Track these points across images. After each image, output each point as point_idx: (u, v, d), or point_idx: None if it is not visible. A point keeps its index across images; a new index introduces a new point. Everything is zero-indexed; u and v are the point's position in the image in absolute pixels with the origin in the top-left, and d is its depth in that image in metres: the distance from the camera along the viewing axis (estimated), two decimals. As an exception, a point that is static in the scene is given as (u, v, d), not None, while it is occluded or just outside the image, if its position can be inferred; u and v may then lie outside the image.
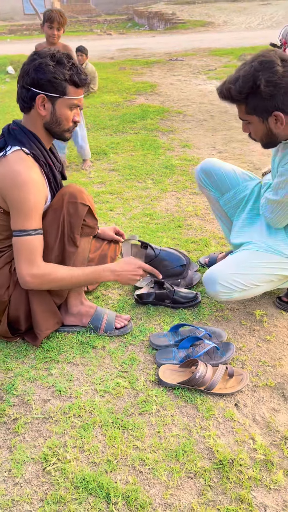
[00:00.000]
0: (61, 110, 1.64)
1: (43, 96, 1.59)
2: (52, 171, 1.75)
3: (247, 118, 1.60)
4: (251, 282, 1.78)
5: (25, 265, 1.61)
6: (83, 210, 1.70)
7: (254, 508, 1.23)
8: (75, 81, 1.62)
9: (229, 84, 1.54)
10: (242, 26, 19.42)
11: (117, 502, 1.24)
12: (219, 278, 1.77)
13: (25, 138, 1.64)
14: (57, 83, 1.59)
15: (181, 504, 1.24)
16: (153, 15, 22.96)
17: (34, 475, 1.33)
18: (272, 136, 1.62)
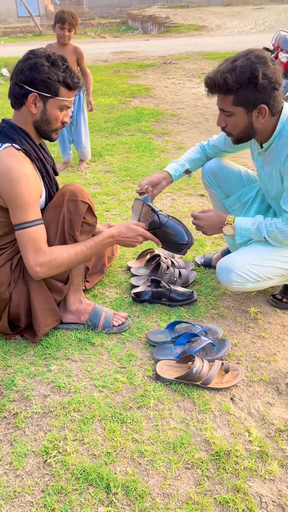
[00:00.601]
0: (52, 110, 1.67)
1: (35, 94, 1.62)
2: (44, 166, 1.78)
3: (232, 109, 1.62)
4: (265, 274, 1.81)
5: (32, 255, 1.64)
6: (83, 208, 1.74)
7: (250, 497, 1.27)
8: (68, 83, 1.65)
9: (225, 73, 1.56)
10: (235, 30, 19.58)
11: (117, 492, 1.27)
12: (236, 268, 1.78)
13: (15, 135, 1.66)
14: (50, 83, 1.62)
15: (179, 493, 1.28)
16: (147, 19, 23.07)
17: (35, 467, 1.36)
18: (250, 130, 1.66)
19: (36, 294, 1.78)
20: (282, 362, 1.75)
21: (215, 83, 1.59)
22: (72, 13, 3.58)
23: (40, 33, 21.21)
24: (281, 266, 1.81)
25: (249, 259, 1.78)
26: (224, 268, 1.82)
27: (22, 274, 1.78)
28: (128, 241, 1.82)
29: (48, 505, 1.24)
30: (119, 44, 16.78)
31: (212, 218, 1.86)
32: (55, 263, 1.67)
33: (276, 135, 1.68)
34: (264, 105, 1.59)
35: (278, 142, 1.69)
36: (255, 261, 1.78)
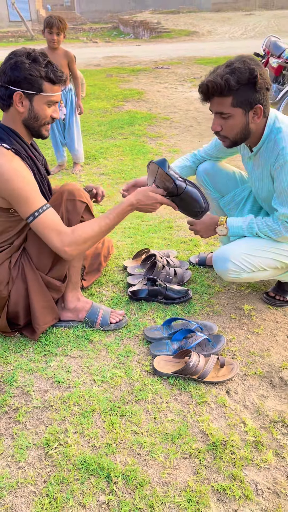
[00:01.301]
0: (39, 106, 1.68)
1: (20, 93, 1.64)
2: (35, 164, 1.80)
3: (230, 111, 1.67)
4: (260, 265, 1.86)
5: (55, 238, 1.66)
6: (81, 207, 1.78)
7: (246, 485, 1.31)
8: (51, 78, 1.66)
9: (226, 75, 1.61)
10: (226, 36, 19.77)
11: (118, 481, 1.31)
12: (231, 256, 1.83)
13: (4, 135, 1.68)
14: (33, 80, 1.63)
15: (178, 482, 1.32)
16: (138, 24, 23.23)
17: (37, 459, 1.39)
18: (246, 131, 1.72)
19: (35, 292, 1.81)
20: (276, 357, 1.80)
21: (216, 85, 1.62)
22: (60, 17, 3.63)
23: (32, 37, 21.26)
24: (276, 258, 1.87)
25: (245, 249, 1.84)
26: (220, 257, 1.87)
27: (20, 273, 1.81)
28: (147, 208, 1.79)
29: (51, 495, 1.28)
30: (111, 49, 16.87)
31: (205, 221, 1.93)
32: (81, 239, 1.68)
33: (265, 138, 1.75)
34: (260, 105, 1.66)
35: (267, 145, 1.75)
36: (251, 251, 1.84)
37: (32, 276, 1.81)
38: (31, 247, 1.81)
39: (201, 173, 2.13)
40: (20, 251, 1.83)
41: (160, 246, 2.63)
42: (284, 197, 1.75)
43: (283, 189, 1.73)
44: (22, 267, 1.81)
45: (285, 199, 1.75)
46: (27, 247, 1.82)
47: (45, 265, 1.82)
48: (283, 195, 1.75)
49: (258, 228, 1.84)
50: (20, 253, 1.83)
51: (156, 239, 2.71)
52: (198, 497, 1.27)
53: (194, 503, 1.26)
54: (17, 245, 1.81)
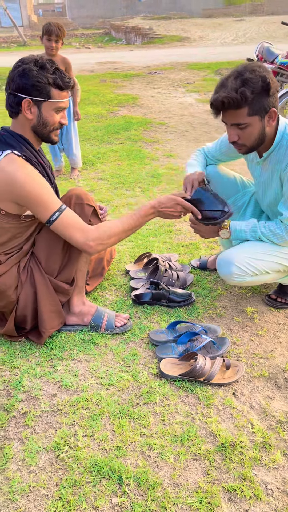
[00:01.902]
0: (47, 113, 1.70)
1: (28, 100, 1.66)
2: (45, 170, 1.83)
3: (248, 120, 1.68)
4: (263, 269, 1.88)
5: (79, 234, 1.69)
6: (89, 210, 1.80)
7: (256, 485, 1.33)
8: (58, 84, 1.68)
9: (240, 88, 1.62)
10: (217, 42, 19.94)
11: (129, 483, 1.32)
12: (235, 260, 1.86)
13: (14, 142, 1.70)
14: (41, 87, 1.65)
15: (189, 483, 1.33)
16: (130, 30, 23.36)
17: (48, 462, 1.40)
18: (262, 136, 1.73)
19: (43, 296, 1.82)
20: (280, 358, 1.83)
21: (232, 100, 1.62)
22: (59, 24, 3.66)
23: (25, 43, 21.29)
24: (279, 262, 1.89)
25: (249, 253, 1.86)
26: (225, 260, 1.89)
27: (29, 277, 1.82)
28: (168, 211, 1.82)
29: (64, 498, 1.28)
30: (104, 54, 16.95)
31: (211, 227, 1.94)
32: (105, 235, 1.72)
33: (276, 144, 1.77)
34: (274, 108, 1.68)
35: (279, 151, 1.77)
36: (255, 255, 1.86)
37: (40, 280, 1.82)
38: (39, 252, 1.82)
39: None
40: (28, 255, 1.84)
41: (161, 250, 2.65)
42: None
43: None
44: (31, 271, 1.82)
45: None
46: (35, 251, 1.84)
47: (53, 269, 1.84)
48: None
49: (261, 232, 1.87)
50: (29, 257, 1.84)
51: (156, 243, 2.73)
52: (210, 498, 1.29)
53: (206, 503, 1.27)
54: (26, 249, 1.83)
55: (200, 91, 8.38)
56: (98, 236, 1.71)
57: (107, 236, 1.73)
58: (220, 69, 10.40)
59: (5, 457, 1.43)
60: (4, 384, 1.71)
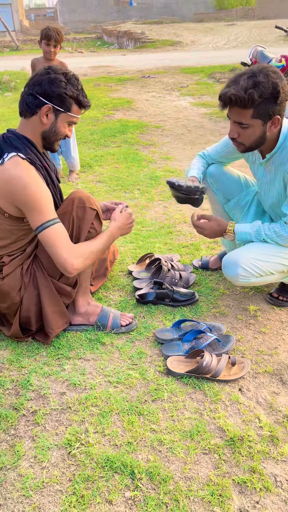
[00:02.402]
0: (61, 123, 1.76)
1: (50, 106, 1.71)
2: (49, 174, 1.86)
3: (250, 122, 1.72)
4: (268, 270, 1.92)
5: (65, 249, 1.70)
6: (92, 214, 1.82)
7: (266, 477, 1.36)
8: (80, 102, 1.76)
9: (250, 89, 1.65)
10: (210, 46, 20.10)
11: (141, 477, 1.34)
12: (241, 262, 1.89)
13: (20, 144, 1.73)
14: (65, 98, 1.72)
15: (200, 476, 1.36)
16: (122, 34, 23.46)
17: (60, 459, 1.42)
18: (262, 139, 1.78)
19: (47, 298, 1.84)
20: (284, 355, 1.86)
21: (239, 99, 1.67)
22: (57, 29, 3.70)
23: (17, 47, 21.31)
24: (283, 262, 1.93)
25: (254, 254, 1.89)
26: (230, 262, 1.92)
27: (32, 279, 1.84)
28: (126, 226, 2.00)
29: (77, 493, 1.30)
30: (97, 58, 17.01)
31: (214, 227, 1.98)
32: (86, 253, 1.77)
33: (279, 146, 1.81)
34: (278, 116, 1.72)
35: (282, 153, 1.81)
36: (260, 256, 1.89)
37: (43, 282, 1.84)
38: (42, 254, 1.84)
39: (207, 177, 2.19)
40: (31, 258, 1.86)
41: (162, 251, 2.68)
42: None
43: None
44: (34, 274, 1.84)
45: None
46: (38, 254, 1.86)
47: (56, 271, 1.85)
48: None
49: (266, 234, 1.90)
50: (32, 259, 1.86)
51: (157, 244, 2.76)
52: (221, 490, 1.31)
53: (217, 496, 1.30)
54: (29, 252, 1.85)
55: (194, 94, 8.45)
56: (80, 254, 1.74)
57: (88, 254, 1.78)
58: (213, 73, 10.49)
59: (16, 454, 1.44)
60: (13, 384, 1.72)
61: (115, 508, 1.27)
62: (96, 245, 1.83)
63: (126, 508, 1.27)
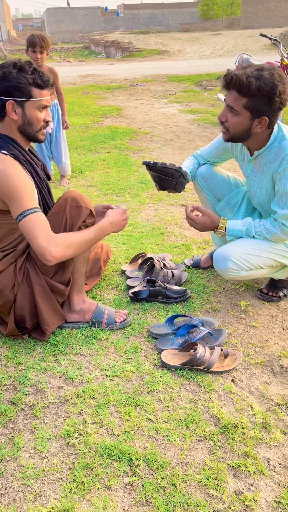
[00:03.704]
0: (31, 112, 1.78)
1: (12, 102, 1.74)
2: (34, 168, 1.89)
3: (240, 110, 1.79)
4: (258, 264, 1.98)
5: (43, 237, 1.68)
6: (85, 213, 1.86)
7: (259, 461, 1.41)
8: (38, 83, 1.77)
9: (251, 77, 1.71)
10: (196, 55, 20.39)
11: (139, 464, 1.38)
12: (231, 256, 1.95)
13: (2, 142, 1.78)
14: (22, 87, 1.73)
15: (196, 462, 1.40)
16: (110, 44, 23.70)
17: (59, 449, 1.45)
18: (246, 134, 1.85)
19: (40, 296, 1.87)
20: (274, 347, 1.92)
21: (239, 81, 1.73)
22: (42, 35, 3.76)
23: (5, 57, 21.41)
24: (272, 257, 1.99)
25: (244, 248, 1.96)
26: (221, 256, 1.98)
27: (25, 277, 1.88)
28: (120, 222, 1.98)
29: (77, 480, 1.34)
30: (85, 67, 17.17)
31: (207, 222, 2.04)
32: (66, 243, 1.72)
33: (268, 146, 1.88)
34: (266, 118, 1.78)
35: (270, 151, 1.89)
36: (249, 250, 1.96)
37: (37, 280, 1.88)
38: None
39: (198, 177, 2.26)
40: (25, 255, 1.90)
41: (154, 251, 2.73)
42: (284, 199, 1.89)
43: (285, 192, 1.87)
44: (27, 272, 1.87)
45: (285, 202, 1.89)
46: (31, 252, 1.89)
47: (49, 269, 1.89)
48: (284, 198, 1.88)
49: (255, 231, 1.97)
50: (25, 258, 1.90)
51: (149, 244, 2.81)
52: (216, 474, 1.36)
53: (213, 479, 1.34)
54: (21, 249, 1.88)
55: (182, 101, 8.57)
56: (60, 242, 1.71)
57: (68, 244, 1.73)
58: (200, 81, 10.65)
59: (16, 446, 1.47)
60: (10, 380, 1.75)
61: (114, 493, 1.31)
62: (80, 236, 1.80)
63: (125, 493, 1.31)
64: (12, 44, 33.06)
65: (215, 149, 2.22)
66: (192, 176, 2.29)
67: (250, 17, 31.09)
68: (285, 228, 1.93)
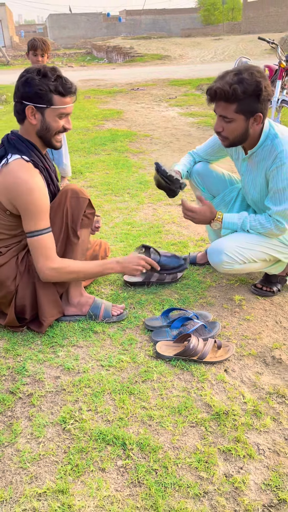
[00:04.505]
0: (50, 119, 1.82)
1: (31, 107, 1.79)
2: (50, 175, 1.97)
3: (233, 116, 1.84)
4: (251, 257, 2.04)
5: (42, 260, 1.83)
6: (84, 203, 1.93)
7: (249, 446, 1.45)
8: (60, 91, 1.79)
9: (234, 84, 1.77)
10: (197, 59, 20.52)
11: (132, 448, 1.43)
12: (226, 249, 2.00)
13: (23, 147, 1.84)
14: (42, 94, 1.77)
15: (187, 446, 1.44)
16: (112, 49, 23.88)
17: (55, 434, 1.50)
18: (245, 135, 1.90)
19: (41, 287, 1.93)
20: (267, 339, 1.96)
21: (224, 92, 1.78)
22: (43, 39, 3.83)
23: (8, 62, 21.59)
24: (265, 251, 2.04)
25: (238, 242, 2.01)
26: (215, 249, 2.03)
27: (27, 268, 1.94)
28: (132, 265, 2.03)
29: (72, 462, 1.38)
30: (87, 72, 17.30)
31: (206, 213, 2.08)
32: (64, 271, 1.88)
33: (261, 143, 1.94)
34: (260, 113, 1.84)
35: (263, 149, 1.94)
36: (243, 244, 2.01)
37: None
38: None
39: (194, 174, 2.32)
40: (26, 249, 1.96)
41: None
42: (278, 196, 1.94)
43: (278, 189, 1.92)
44: (29, 263, 1.93)
45: (278, 199, 1.94)
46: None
47: None
48: (277, 195, 1.94)
49: (250, 226, 2.03)
50: (27, 250, 1.95)
51: (147, 242, 2.86)
52: (207, 458, 1.40)
53: (204, 462, 1.39)
54: (24, 243, 1.94)
55: (182, 105, 8.65)
56: (57, 268, 1.85)
57: (65, 273, 1.89)
58: (201, 85, 10.73)
59: (13, 433, 1.52)
60: (9, 370, 1.80)
61: (107, 475, 1.35)
62: (83, 267, 1.93)
63: (118, 475, 1.36)
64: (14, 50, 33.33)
65: (209, 148, 2.28)
66: (188, 173, 2.35)
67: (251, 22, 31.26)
68: (279, 224, 1.98)
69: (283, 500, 1.29)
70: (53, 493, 1.30)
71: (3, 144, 1.87)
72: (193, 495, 1.29)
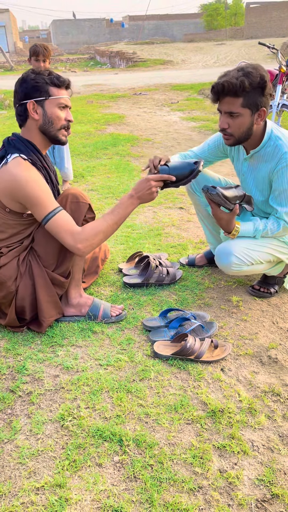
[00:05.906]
0: (51, 110, 1.87)
1: (32, 102, 1.84)
2: (49, 174, 2.00)
3: (240, 110, 1.87)
4: (258, 259, 2.08)
5: (68, 237, 1.83)
6: (85, 207, 1.97)
7: (244, 442, 1.48)
8: (55, 82, 1.87)
9: (241, 77, 1.80)
10: (199, 64, 20.62)
11: (129, 444, 1.46)
12: (235, 251, 2.04)
13: (22, 146, 1.88)
14: (39, 86, 1.84)
15: (183, 442, 1.47)
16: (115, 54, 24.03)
17: (54, 431, 1.53)
18: (249, 131, 1.93)
19: (41, 287, 1.97)
20: (263, 339, 1.99)
21: (232, 85, 1.81)
22: (44, 45, 3.90)
23: (12, 68, 21.76)
24: (270, 252, 2.10)
25: (246, 244, 2.06)
26: (224, 252, 2.07)
27: (28, 269, 1.97)
28: (145, 192, 1.87)
29: (70, 458, 1.41)
30: (90, 77, 17.42)
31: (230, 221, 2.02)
32: (91, 234, 1.84)
33: (264, 143, 1.98)
34: (264, 108, 1.88)
35: (266, 150, 1.98)
36: (251, 246, 2.06)
37: (38, 272, 1.97)
38: (38, 246, 1.97)
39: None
40: (28, 249, 1.99)
41: (151, 251, 2.82)
42: (284, 197, 1.98)
43: (284, 189, 1.96)
44: (30, 264, 1.97)
45: (284, 199, 1.99)
46: (34, 246, 1.99)
47: (50, 262, 1.98)
48: (283, 195, 1.98)
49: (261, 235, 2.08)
50: (28, 251, 1.99)
51: (147, 244, 2.90)
52: (202, 454, 1.43)
53: (199, 458, 1.41)
54: (26, 244, 1.98)
55: (184, 109, 8.71)
56: (85, 238, 1.83)
57: (94, 234, 1.84)
58: (203, 89, 10.80)
59: (13, 429, 1.55)
60: (9, 369, 1.84)
61: (104, 470, 1.38)
62: (105, 221, 1.86)
63: (114, 470, 1.38)
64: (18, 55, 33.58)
65: (208, 147, 2.30)
66: None
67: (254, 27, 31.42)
68: (287, 225, 2.03)
69: (276, 495, 1.31)
70: (51, 487, 1.33)
71: (3, 145, 1.91)
72: (187, 489, 1.32)
